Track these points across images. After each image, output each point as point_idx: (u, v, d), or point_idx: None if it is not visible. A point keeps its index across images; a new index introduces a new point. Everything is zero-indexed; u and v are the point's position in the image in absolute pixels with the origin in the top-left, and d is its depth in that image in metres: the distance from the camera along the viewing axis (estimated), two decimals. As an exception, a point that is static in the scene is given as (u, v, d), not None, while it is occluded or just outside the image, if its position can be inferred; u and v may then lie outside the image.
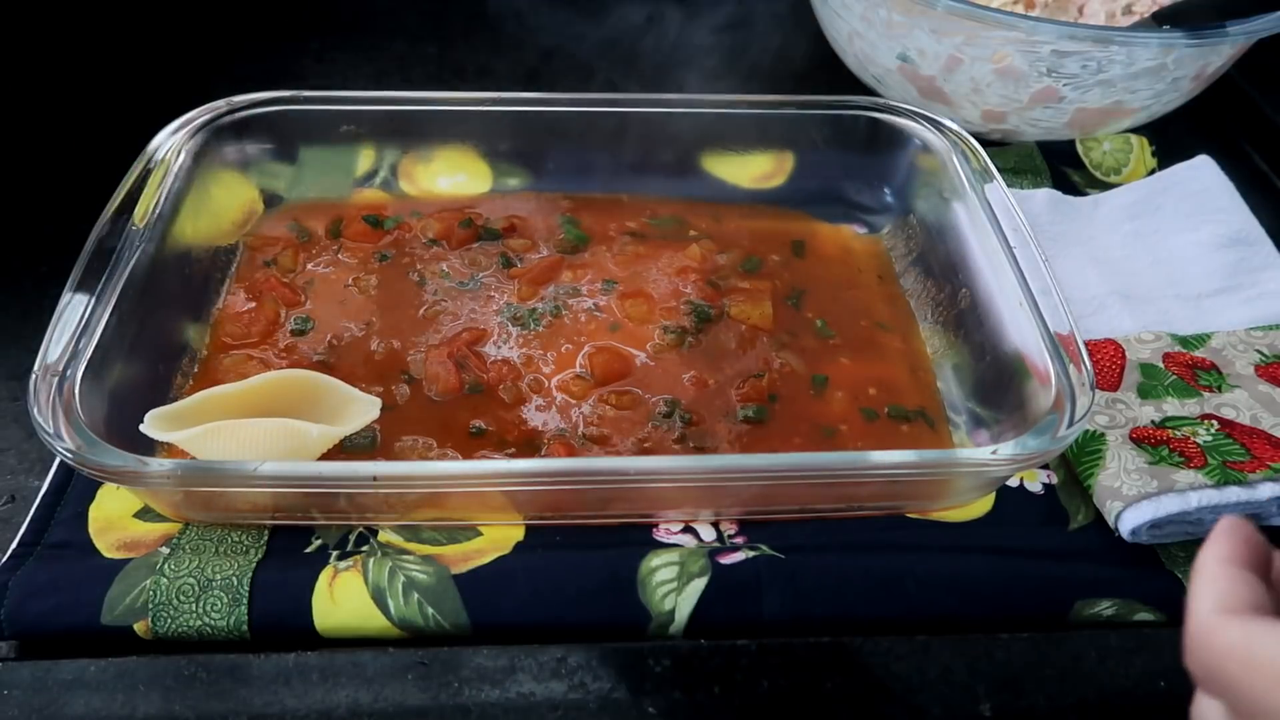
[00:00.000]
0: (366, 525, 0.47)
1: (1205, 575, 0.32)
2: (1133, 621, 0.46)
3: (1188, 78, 0.67)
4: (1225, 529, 0.33)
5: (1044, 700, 0.42)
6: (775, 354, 0.55)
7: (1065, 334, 0.48)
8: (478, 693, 0.41)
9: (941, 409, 0.54)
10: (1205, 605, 0.31)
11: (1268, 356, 0.55)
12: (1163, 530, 0.47)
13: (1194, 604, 0.32)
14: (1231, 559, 0.32)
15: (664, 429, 0.51)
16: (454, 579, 0.44)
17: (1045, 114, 0.69)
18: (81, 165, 0.62)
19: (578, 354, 0.55)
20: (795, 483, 0.46)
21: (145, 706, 0.40)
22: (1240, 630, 0.30)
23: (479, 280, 0.59)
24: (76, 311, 0.47)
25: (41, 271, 0.61)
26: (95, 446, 0.42)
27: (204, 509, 0.46)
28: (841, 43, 0.75)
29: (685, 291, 0.58)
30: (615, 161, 0.64)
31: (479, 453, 0.50)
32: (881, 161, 0.64)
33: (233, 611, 0.43)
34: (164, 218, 0.53)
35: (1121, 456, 0.49)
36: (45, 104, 0.75)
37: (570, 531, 0.47)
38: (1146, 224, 0.63)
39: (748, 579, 0.45)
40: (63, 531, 0.46)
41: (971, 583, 0.46)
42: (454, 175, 0.65)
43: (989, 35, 0.64)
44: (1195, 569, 0.33)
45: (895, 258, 0.63)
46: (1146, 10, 0.69)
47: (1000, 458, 0.44)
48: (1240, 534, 0.33)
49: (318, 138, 0.62)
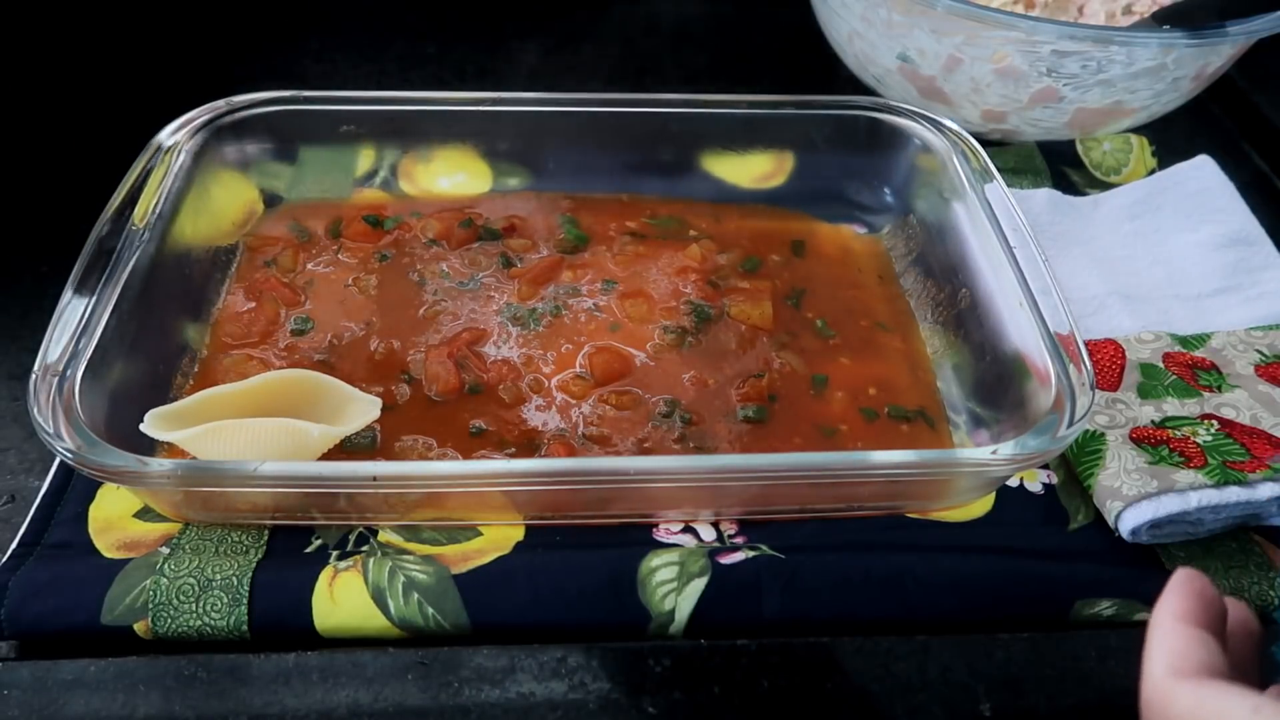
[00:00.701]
0: (366, 525, 0.47)
1: (1159, 633, 0.33)
2: (1133, 621, 0.46)
3: (1188, 78, 0.67)
4: (1180, 583, 0.34)
5: (1044, 700, 0.42)
6: (775, 354, 0.55)
7: (1065, 334, 0.48)
8: (478, 693, 0.41)
9: (941, 409, 0.54)
10: (1158, 667, 0.32)
11: (1268, 356, 0.55)
12: (1163, 530, 0.47)
13: (1148, 665, 0.32)
14: (1186, 617, 0.33)
15: (664, 429, 0.51)
16: (454, 579, 0.44)
17: (1045, 114, 0.69)
18: (82, 165, 0.62)
19: (578, 354, 0.55)
20: (795, 483, 0.46)
21: (145, 706, 0.41)
22: (1192, 694, 0.31)
23: (479, 280, 0.59)
24: (76, 311, 0.47)
25: (41, 271, 0.61)
26: (95, 446, 0.42)
27: (204, 509, 0.46)
28: (841, 43, 0.75)
29: (685, 291, 0.58)
30: (615, 161, 0.64)
31: (479, 453, 0.50)
32: (881, 161, 0.64)
33: (233, 611, 0.43)
34: (164, 217, 0.53)
35: (1121, 456, 0.49)
36: (45, 104, 0.75)
37: (570, 531, 0.47)
38: (1146, 224, 0.63)
39: (748, 579, 0.45)
40: (63, 531, 0.46)
41: (971, 583, 0.46)
42: (454, 175, 0.65)
43: (989, 35, 0.64)
44: (1151, 626, 0.33)
45: (895, 258, 0.63)
46: (1146, 10, 0.69)
47: (1000, 458, 0.44)
48: (1194, 589, 0.34)
49: (318, 138, 0.62)
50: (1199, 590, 0.34)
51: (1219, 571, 0.47)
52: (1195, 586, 0.34)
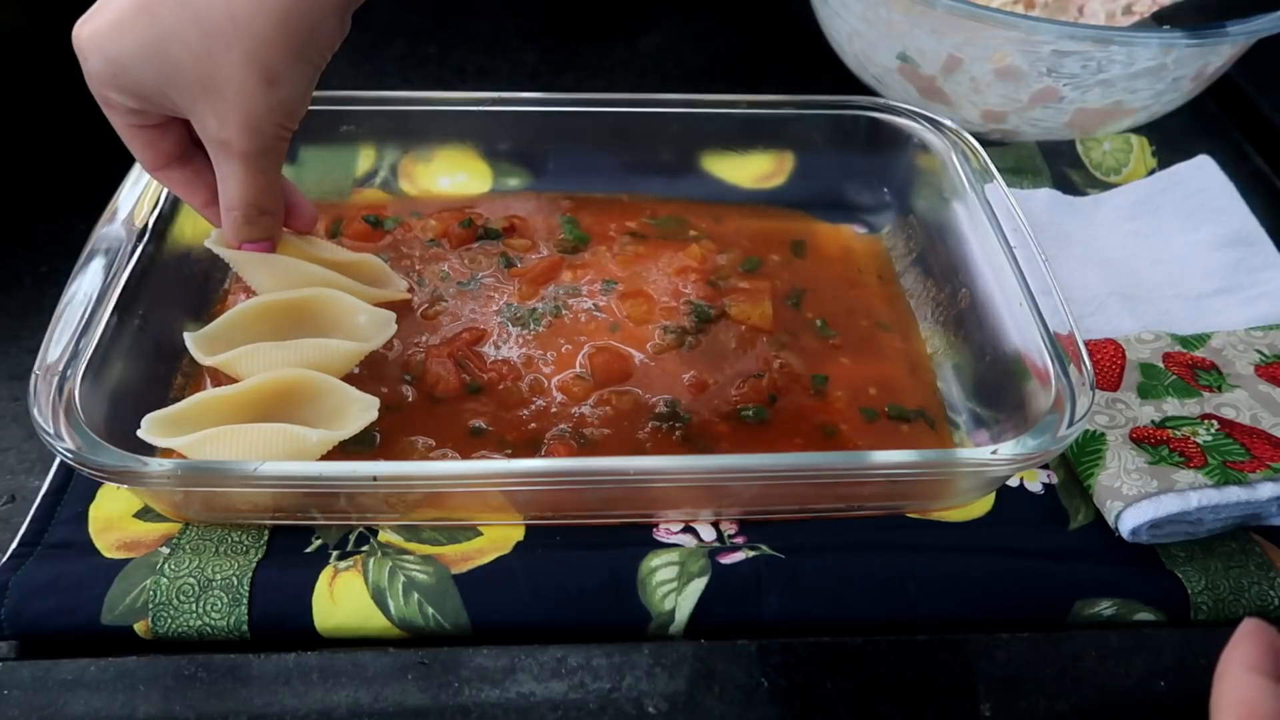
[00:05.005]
0: (367, 525, 0.47)
1: (1228, 682, 0.33)
2: (1133, 621, 0.46)
3: (1188, 78, 0.67)
4: (1248, 633, 0.34)
5: (1044, 700, 0.42)
6: (775, 354, 0.55)
7: (1065, 334, 0.48)
8: (478, 693, 0.41)
9: (941, 409, 0.54)
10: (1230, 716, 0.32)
11: (1268, 356, 0.55)
12: (1163, 530, 0.47)
13: (1218, 712, 0.33)
14: (1255, 666, 0.33)
15: (664, 429, 0.51)
16: (454, 579, 0.44)
17: (1045, 114, 0.69)
18: (82, 165, 0.62)
19: (578, 354, 0.55)
20: (795, 483, 0.46)
21: (145, 706, 0.41)
22: None
23: (479, 280, 0.59)
24: (76, 311, 0.47)
25: (41, 271, 0.61)
26: (95, 446, 0.42)
27: (204, 509, 0.46)
28: (841, 43, 0.75)
29: (685, 291, 0.58)
30: (615, 161, 0.64)
31: (479, 453, 0.50)
32: (881, 161, 0.64)
33: (233, 611, 0.43)
34: (164, 218, 0.53)
35: (1121, 456, 0.49)
36: (45, 103, 0.75)
37: (570, 531, 0.47)
38: (1146, 224, 0.63)
39: (748, 579, 0.45)
40: (63, 531, 0.46)
41: (971, 583, 0.46)
42: (454, 175, 0.65)
43: (989, 35, 0.64)
44: (1218, 674, 0.34)
45: (895, 258, 0.63)
46: (1146, 10, 0.69)
47: (1000, 458, 0.44)
48: (1264, 639, 0.34)
49: (318, 138, 0.62)
50: (1269, 640, 0.34)
51: (1219, 571, 0.47)
52: (1265, 638, 0.34)
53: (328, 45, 0.43)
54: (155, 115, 0.44)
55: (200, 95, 0.41)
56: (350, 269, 0.53)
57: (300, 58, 0.41)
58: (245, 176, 0.44)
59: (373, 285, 0.54)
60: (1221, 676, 0.33)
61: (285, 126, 0.43)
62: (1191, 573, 0.46)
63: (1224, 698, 0.33)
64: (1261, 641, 0.34)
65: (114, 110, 0.44)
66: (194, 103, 0.42)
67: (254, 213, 0.46)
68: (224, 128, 0.42)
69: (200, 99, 0.41)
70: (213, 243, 0.50)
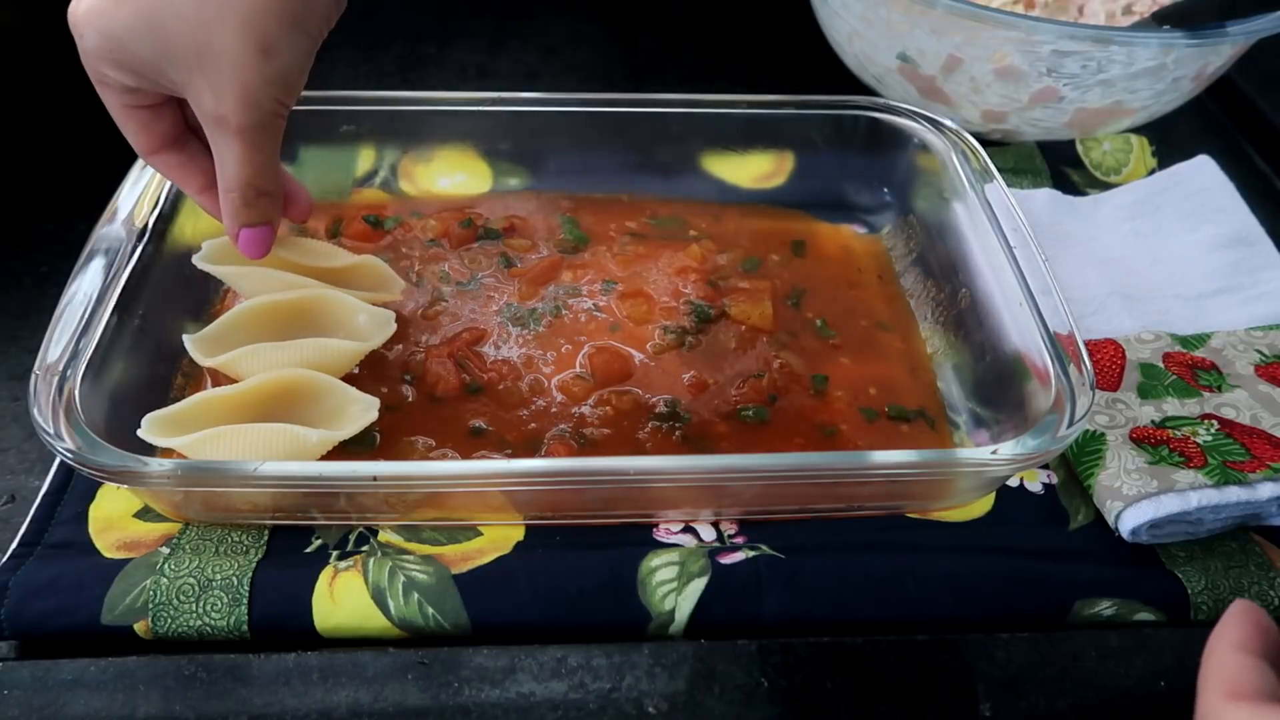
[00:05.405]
0: (367, 525, 0.47)
1: (1216, 659, 0.34)
2: (1133, 621, 0.46)
3: (1188, 78, 0.67)
4: (1237, 613, 0.35)
5: (1044, 700, 0.42)
6: (775, 354, 0.55)
7: (1065, 334, 0.48)
8: (478, 693, 0.41)
9: (941, 409, 0.54)
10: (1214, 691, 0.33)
11: (1268, 356, 0.55)
12: (1163, 530, 0.47)
13: (1203, 689, 0.33)
14: (1242, 645, 0.34)
15: (664, 429, 0.51)
16: (454, 579, 0.44)
17: (1045, 114, 0.69)
18: (81, 165, 0.62)
19: (578, 354, 0.55)
20: (795, 483, 0.46)
21: (145, 706, 0.41)
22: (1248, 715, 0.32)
23: (479, 280, 0.59)
24: (76, 311, 0.47)
25: (41, 271, 0.61)
26: (95, 446, 0.42)
27: (204, 509, 0.46)
28: (841, 43, 0.75)
29: (685, 291, 0.58)
30: (615, 161, 0.64)
31: (479, 453, 0.50)
32: (881, 161, 0.64)
33: (233, 611, 0.43)
34: (164, 218, 0.53)
35: (1121, 456, 0.49)
36: (45, 104, 0.75)
37: (570, 531, 0.47)
38: (1146, 224, 0.63)
39: (748, 579, 0.45)
40: (63, 531, 0.46)
41: (971, 583, 0.46)
42: (454, 175, 0.65)
43: (989, 35, 0.64)
44: (1207, 652, 0.34)
45: (895, 258, 0.63)
46: (1146, 10, 0.69)
47: (1000, 458, 0.44)
48: (1252, 619, 0.35)
49: (318, 138, 0.62)
50: (1256, 621, 0.35)
51: (1219, 571, 0.47)
52: (1253, 617, 0.35)
53: (325, 17, 0.42)
54: (151, 95, 0.43)
55: (196, 67, 0.41)
56: (349, 273, 0.53)
57: (297, 27, 0.41)
58: (243, 153, 0.43)
59: (373, 288, 0.54)
60: (1210, 654, 0.34)
61: (282, 101, 0.43)
62: (1191, 573, 0.46)
63: (1211, 675, 0.33)
64: (1249, 621, 0.34)
65: (109, 90, 0.43)
66: (190, 77, 0.41)
67: (252, 194, 0.45)
68: (220, 102, 0.41)
69: (196, 71, 0.41)
70: (202, 259, 0.50)
